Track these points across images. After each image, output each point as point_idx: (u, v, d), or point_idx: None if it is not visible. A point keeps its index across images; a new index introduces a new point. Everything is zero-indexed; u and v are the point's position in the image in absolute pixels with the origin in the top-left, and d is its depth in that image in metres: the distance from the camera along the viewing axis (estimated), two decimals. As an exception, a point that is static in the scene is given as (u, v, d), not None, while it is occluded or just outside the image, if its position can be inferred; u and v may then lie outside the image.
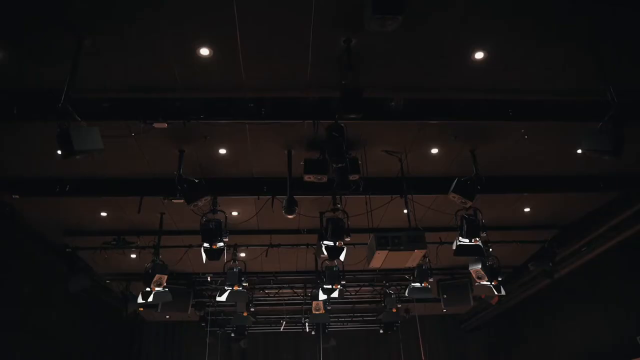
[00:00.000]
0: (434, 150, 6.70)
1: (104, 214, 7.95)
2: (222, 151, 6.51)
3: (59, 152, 4.56)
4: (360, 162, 6.30)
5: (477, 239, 6.86)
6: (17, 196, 7.07)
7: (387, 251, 5.65)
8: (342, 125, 5.40)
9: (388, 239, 5.62)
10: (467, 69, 5.19)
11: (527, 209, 8.36)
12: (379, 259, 5.85)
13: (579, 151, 6.54)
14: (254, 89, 5.39)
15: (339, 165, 5.49)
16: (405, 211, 6.77)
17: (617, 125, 4.79)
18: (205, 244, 6.82)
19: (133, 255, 9.08)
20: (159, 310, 10.20)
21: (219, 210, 6.91)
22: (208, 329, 11.81)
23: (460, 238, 6.86)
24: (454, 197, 6.44)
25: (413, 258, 5.91)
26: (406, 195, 6.67)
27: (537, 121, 5.90)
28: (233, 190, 7.17)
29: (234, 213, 7.85)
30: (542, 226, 8.91)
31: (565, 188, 7.46)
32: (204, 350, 11.70)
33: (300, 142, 6.32)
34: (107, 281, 10.33)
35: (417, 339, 11.56)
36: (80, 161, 6.32)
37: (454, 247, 6.96)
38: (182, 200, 6.37)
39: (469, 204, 6.52)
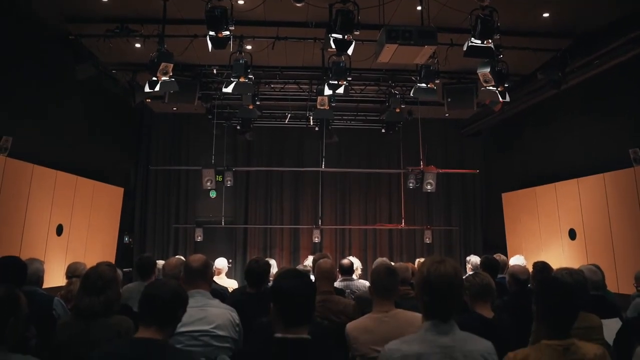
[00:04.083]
0: (457, -61, 6.19)
1: (104, -2, 7.63)
2: None
3: None
4: (375, -51, 5.87)
5: (490, 40, 6.68)
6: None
7: (396, 45, 5.53)
8: None
9: (399, 32, 5.47)
10: None
11: (546, 14, 7.97)
12: (388, 53, 5.75)
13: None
14: None
15: (353, -52, 5.11)
16: (419, 8, 6.49)
17: None
18: (211, 32, 6.65)
19: (138, 45, 8.91)
20: (165, 101, 10.33)
21: (224, -4, 6.62)
22: (214, 121, 12.04)
23: (472, 39, 6.67)
24: (471, -9, 6.13)
25: (422, 54, 5.81)
26: (421, -12, 6.34)
27: None
28: (239, -26, 6.79)
29: (240, 2, 7.50)
30: (559, 34, 8.57)
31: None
32: (211, 141, 12.05)
33: None
34: (113, 71, 10.29)
35: (417, 141, 11.94)
36: None
37: (465, 48, 6.81)
38: (185, -17, 6.09)
39: (487, 1, 6.23)
